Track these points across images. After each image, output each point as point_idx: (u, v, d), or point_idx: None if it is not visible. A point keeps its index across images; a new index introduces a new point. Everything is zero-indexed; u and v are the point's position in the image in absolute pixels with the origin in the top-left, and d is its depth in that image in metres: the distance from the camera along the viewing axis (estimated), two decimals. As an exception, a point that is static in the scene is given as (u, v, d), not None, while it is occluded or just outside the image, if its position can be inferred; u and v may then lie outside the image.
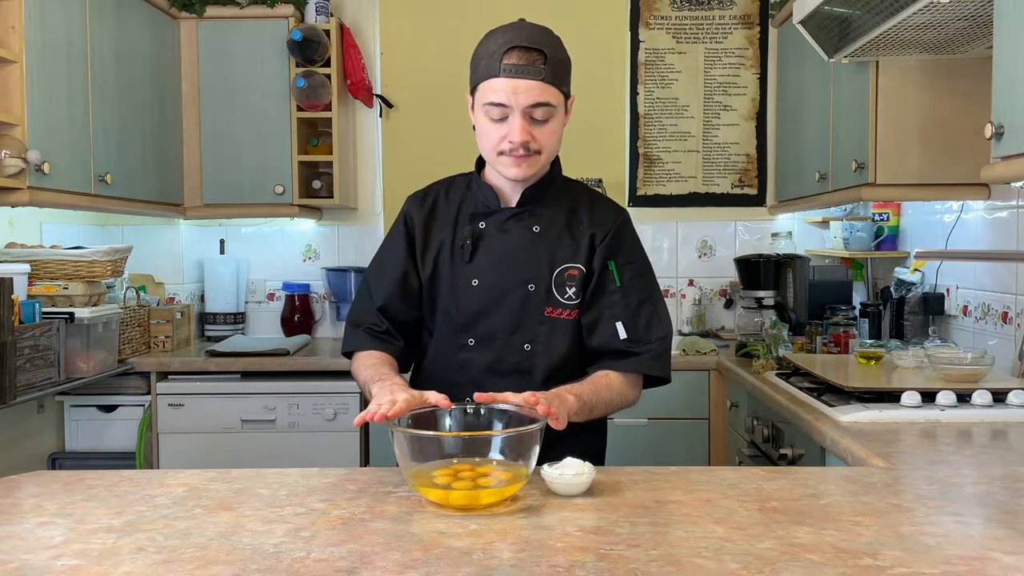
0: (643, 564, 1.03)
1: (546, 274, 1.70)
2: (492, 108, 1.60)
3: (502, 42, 1.60)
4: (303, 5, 3.49)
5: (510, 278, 1.70)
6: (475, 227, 1.73)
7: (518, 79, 1.57)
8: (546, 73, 1.59)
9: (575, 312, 1.72)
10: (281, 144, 3.45)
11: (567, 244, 1.72)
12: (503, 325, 1.70)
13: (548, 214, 1.74)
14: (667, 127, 3.81)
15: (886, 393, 2.08)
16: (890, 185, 2.60)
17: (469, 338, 1.72)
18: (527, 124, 1.60)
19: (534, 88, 1.58)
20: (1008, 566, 1.02)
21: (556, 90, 1.62)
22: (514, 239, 1.72)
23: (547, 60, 1.59)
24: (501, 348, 1.71)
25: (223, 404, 3.14)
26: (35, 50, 2.50)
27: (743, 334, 3.21)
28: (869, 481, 1.42)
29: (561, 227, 1.73)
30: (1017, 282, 2.47)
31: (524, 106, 1.59)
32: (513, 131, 1.60)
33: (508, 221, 1.73)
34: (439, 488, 1.25)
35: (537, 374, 1.70)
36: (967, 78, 2.53)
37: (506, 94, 1.58)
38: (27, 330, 2.56)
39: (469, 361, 1.72)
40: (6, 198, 2.46)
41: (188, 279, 3.77)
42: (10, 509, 1.29)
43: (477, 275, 1.71)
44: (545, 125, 1.63)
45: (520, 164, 1.63)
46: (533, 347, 1.71)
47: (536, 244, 1.72)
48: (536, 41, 1.60)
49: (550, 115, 1.62)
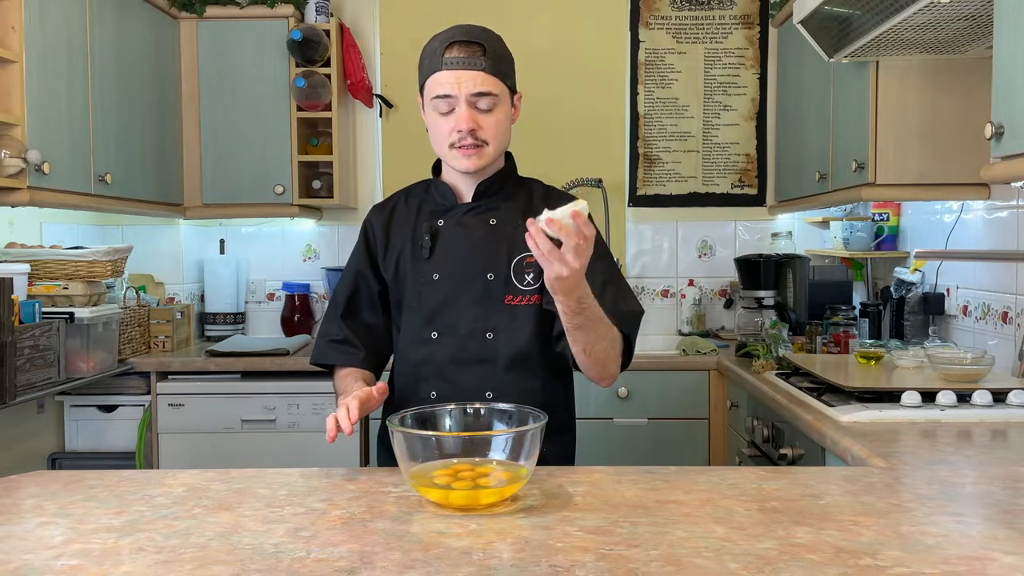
0: (643, 564, 1.03)
1: (504, 264, 1.73)
2: (439, 101, 1.67)
3: (443, 39, 1.68)
4: (303, 5, 3.49)
5: (469, 270, 1.73)
6: (433, 224, 1.78)
7: (460, 70, 1.65)
8: (486, 64, 1.66)
9: (535, 297, 1.73)
10: (281, 144, 3.45)
11: (524, 233, 1.72)
12: (464, 316, 1.73)
13: (505, 207, 1.77)
14: (667, 127, 3.81)
15: (886, 393, 2.08)
16: (890, 185, 2.61)
17: (432, 331, 1.75)
18: (473, 112, 1.66)
19: (476, 78, 1.65)
20: (1008, 566, 1.02)
21: (498, 81, 1.68)
22: (472, 232, 1.76)
23: (486, 52, 1.66)
24: (464, 338, 1.73)
25: (223, 404, 3.14)
26: (35, 50, 2.50)
27: (743, 334, 3.21)
28: (869, 481, 1.42)
29: (518, 218, 1.75)
30: (1017, 282, 2.47)
31: (468, 94, 1.64)
32: (460, 120, 1.66)
33: (465, 215, 1.77)
34: (439, 488, 1.25)
35: (500, 362, 1.72)
36: (967, 78, 2.53)
37: (450, 85, 1.65)
38: (27, 330, 2.56)
39: (434, 353, 1.75)
40: (6, 198, 2.46)
41: (188, 279, 3.77)
42: (10, 509, 1.29)
43: (437, 270, 1.75)
44: (490, 115, 1.68)
45: (470, 156, 1.69)
46: (495, 336, 1.73)
47: (494, 236, 1.75)
48: (475, 36, 1.68)
49: (494, 104, 1.68)
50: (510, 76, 1.72)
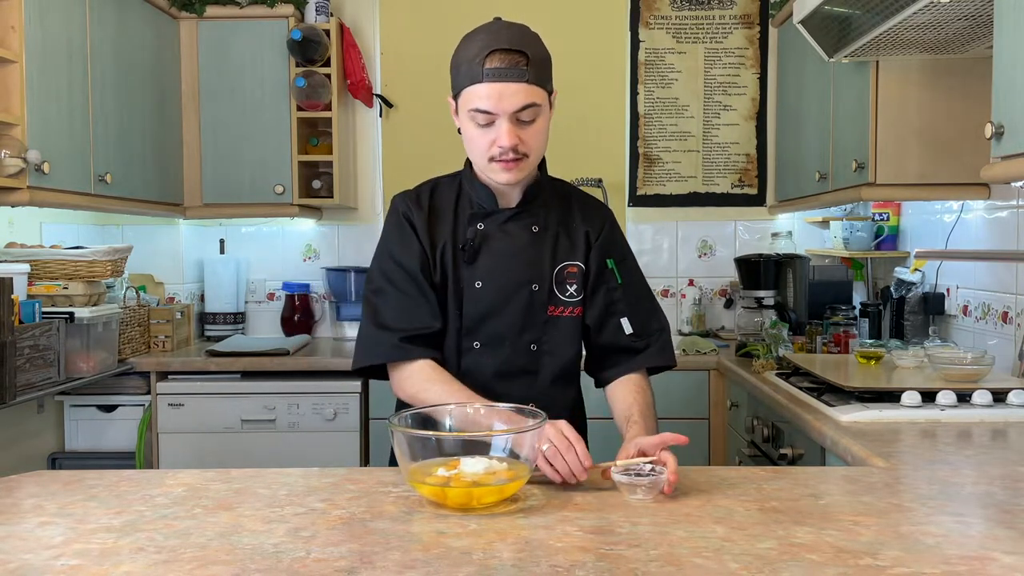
0: (643, 564, 1.03)
1: (548, 273, 1.70)
2: (478, 115, 1.57)
3: (482, 45, 1.56)
4: (303, 5, 3.49)
5: (514, 279, 1.69)
6: (476, 228, 1.71)
7: (502, 83, 1.54)
8: (530, 74, 1.55)
9: (578, 309, 1.72)
10: (281, 144, 3.45)
11: (564, 242, 1.73)
12: (509, 326, 1.69)
13: (544, 213, 1.73)
14: (667, 127, 3.81)
15: (886, 393, 2.08)
16: (890, 185, 2.60)
17: (475, 341, 1.69)
18: (514, 127, 1.57)
19: (519, 92, 1.55)
20: (1008, 566, 1.02)
21: (540, 90, 1.59)
22: (515, 239, 1.71)
23: (529, 61, 1.56)
24: (508, 350, 1.69)
25: (223, 404, 3.14)
26: (35, 50, 2.50)
27: (743, 334, 3.21)
28: (869, 481, 1.42)
29: (557, 225, 1.73)
30: (1017, 282, 2.47)
31: (510, 111, 1.55)
32: (501, 136, 1.56)
33: (508, 222, 1.72)
34: (439, 488, 1.25)
35: (544, 374, 1.71)
36: (967, 78, 2.53)
37: (491, 100, 1.54)
38: (27, 330, 2.56)
39: (476, 364, 1.69)
40: (6, 198, 2.46)
41: (188, 279, 3.77)
42: (10, 509, 1.29)
43: (480, 277, 1.68)
44: (532, 126, 1.59)
45: (511, 169, 1.60)
46: (539, 347, 1.70)
47: (536, 244, 1.71)
48: (516, 42, 1.56)
49: (536, 115, 1.59)
50: (550, 80, 1.63)
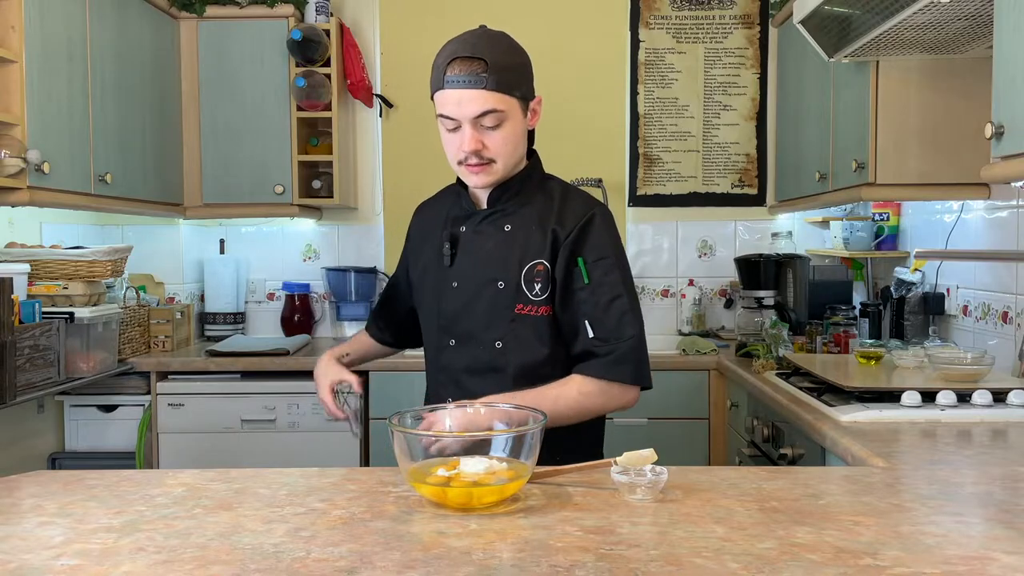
0: (643, 564, 1.03)
1: (515, 271, 1.70)
2: (445, 120, 1.64)
3: (448, 53, 1.63)
4: (303, 5, 3.49)
5: (483, 278, 1.73)
6: (454, 231, 1.78)
7: (461, 90, 1.60)
8: (488, 81, 1.59)
9: (544, 308, 1.70)
10: (281, 144, 3.45)
11: (536, 240, 1.71)
12: (477, 324, 1.73)
13: (521, 211, 1.74)
14: (667, 127, 3.81)
15: (886, 393, 2.08)
16: (890, 185, 2.60)
17: (450, 339, 1.77)
18: (477, 133, 1.63)
19: (477, 98, 1.60)
20: (1008, 566, 1.02)
21: (504, 95, 1.61)
22: (487, 239, 1.74)
23: (488, 68, 1.59)
24: (477, 347, 1.73)
25: (223, 404, 3.14)
26: (35, 50, 2.50)
27: (743, 334, 3.21)
28: (869, 481, 1.42)
29: (533, 224, 1.72)
30: (1017, 282, 2.47)
31: (470, 117, 1.61)
32: (464, 140, 1.63)
33: (482, 223, 1.76)
34: (439, 488, 1.25)
35: (510, 371, 1.71)
36: (967, 78, 2.53)
37: (452, 106, 1.61)
38: (27, 330, 2.56)
39: (450, 361, 1.77)
40: (6, 198, 2.46)
41: (188, 279, 3.77)
42: (10, 509, 1.29)
43: (456, 277, 1.75)
44: (497, 132, 1.63)
45: (477, 173, 1.67)
46: (504, 345, 1.71)
47: (507, 243, 1.73)
48: (479, 50, 1.60)
49: (500, 121, 1.62)
50: (519, 86, 1.65)
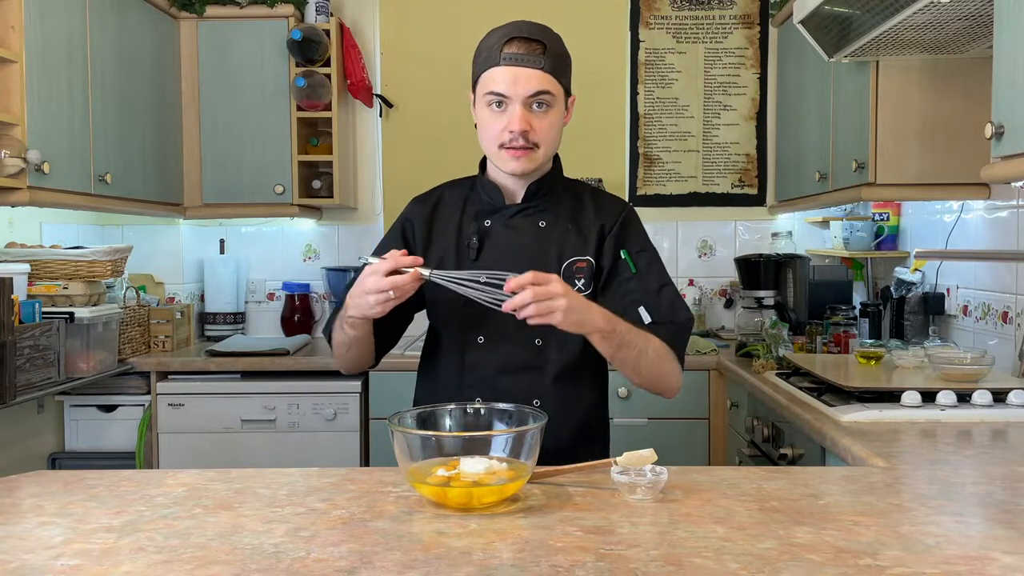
0: (643, 564, 1.03)
1: (555, 268, 1.69)
2: (492, 97, 1.61)
3: (502, 34, 1.63)
4: (303, 5, 3.49)
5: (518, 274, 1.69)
6: (481, 224, 1.72)
7: (518, 67, 1.59)
8: (545, 63, 1.60)
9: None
10: (281, 144, 3.45)
11: (574, 238, 1.72)
12: (513, 322, 1.65)
13: (553, 209, 1.73)
14: (667, 127, 3.81)
15: (886, 393, 2.08)
16: (890, 185, 2.60)
17: (479, 336, 1.70)
18: (527, 113, 1.61)
19: (534, 77, 1.59)
20: (1008, 566, 1.02)
21: (556, 81, 1.63)
22: (521, 235, 1.71)
23: (546, 51, 1.61)
24: (512, 345, 1.69)
25: (223, 404, 3.14)
26: (35, 50, 2.50)
27: (743, 334, 3.21)
28: (869, 481, 1.42)
29: (567, 222, 1.72)
30: (1017, 282, 2.47)
31: (524, 96, 1.59)
32: (513, 120, 1.60)
33: (514, 217, 1.72)
34: (439, 488, 1.25)
35: (549, 369, 1.69)
36: (967, 78, 2.53)
37: (506, 83, 1.59)
38: (27, 330, 2.56)
39: (480, 359, 1.70)
40: (6, 198, 2.46)
41: (188, 279, 3.77)
42: (10, 509, 1.29)
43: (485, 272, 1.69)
44: (545, 116, 1.63)
45: (519, 158, 1.63)
46: (544, 343, 1.69)
47: (543, 239, 1.71)
48: (536, 33, 1.63)
49: (550, 104, 1.62)
50: (566, 77, 1.67)
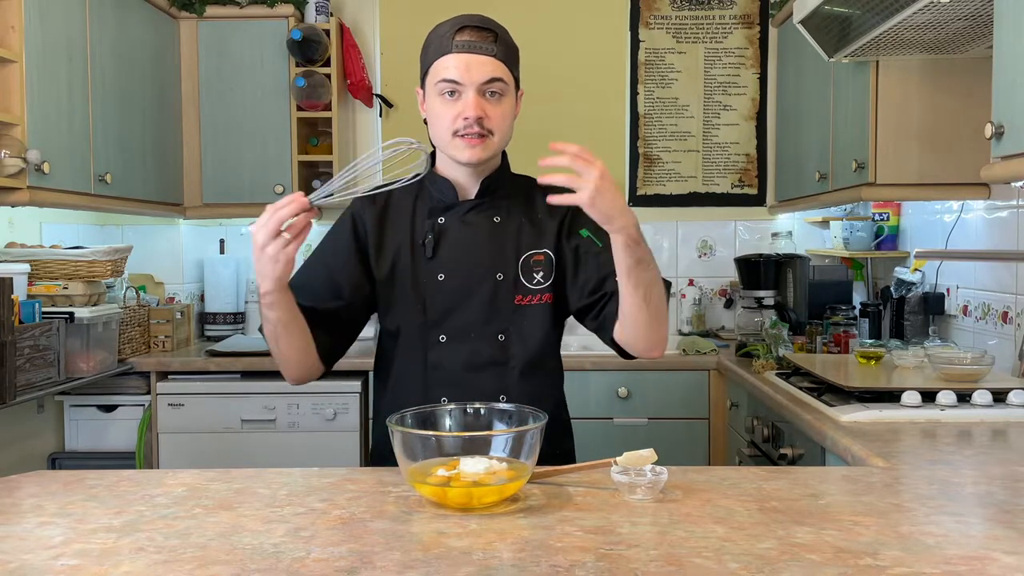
0: (643, 564, 1.03)
1: (512, 262, 1.69)
2: (445, 85, 1.59)
3: (453, 23, 1.62)
4: (303, 5, 3.49)
5: (477, 269, 1.68)
6: (435, 222, 1.70)
7: (471, 54, 1.58)
8: (498, 51, 1.60)
9: (546, 296, 1.69)
10: (281, 144, 3.45)
11: (529, 231, 1.71)
12: (475, 318, 1.68)
13: (506, 204, 1.72)
14: (667, 127, 3.81)
15: (886, 393, 2.08)
16: (890, 185, 2.60)
17: (440, 335, 1.68)
18: (481, 100, 1.59)
19: (487, 64, 1.58)
20: (1008, 566, 1.02)
21: (507, 70, 1.62)
22: (477, 231, 1.70)
23: (498, 39, 1.61)
24: (475, 341, 1.68)
25: (223, 404, 3.13)
26: (35, 50, 2.50)
27: (743, 334, 3.21)
28: (869, 481, 1.42)
29: (521, 215, 1.71)
30: (1017, 282, 2.47)
31: (478, 82, 1.58)
32: (468, 106, 1.58)
33: (468, 213, 1.71)
34: (439, 488, 1.25)
35: (514, 363, 1.69)
36: (967, 78, 2.53)
37: (459, 71, 1.58)
38: (27, 330, 2.56)
39: (443, 358, 1.68)
40: (6, 198, 2.46)
41: (188, 279, 3.77)
42: (10, 509, 1.29)
43: (443, 269, 1.68)
44: (499, 104, 1.61)
45: (475, 146, 1.60)
46: (507, 337, 1.68)
47: (499, 234, 1.70)
48: (486, 22, 1.63)
49: (503, 92, 1.61)
50: (517, 68, 1.66)
